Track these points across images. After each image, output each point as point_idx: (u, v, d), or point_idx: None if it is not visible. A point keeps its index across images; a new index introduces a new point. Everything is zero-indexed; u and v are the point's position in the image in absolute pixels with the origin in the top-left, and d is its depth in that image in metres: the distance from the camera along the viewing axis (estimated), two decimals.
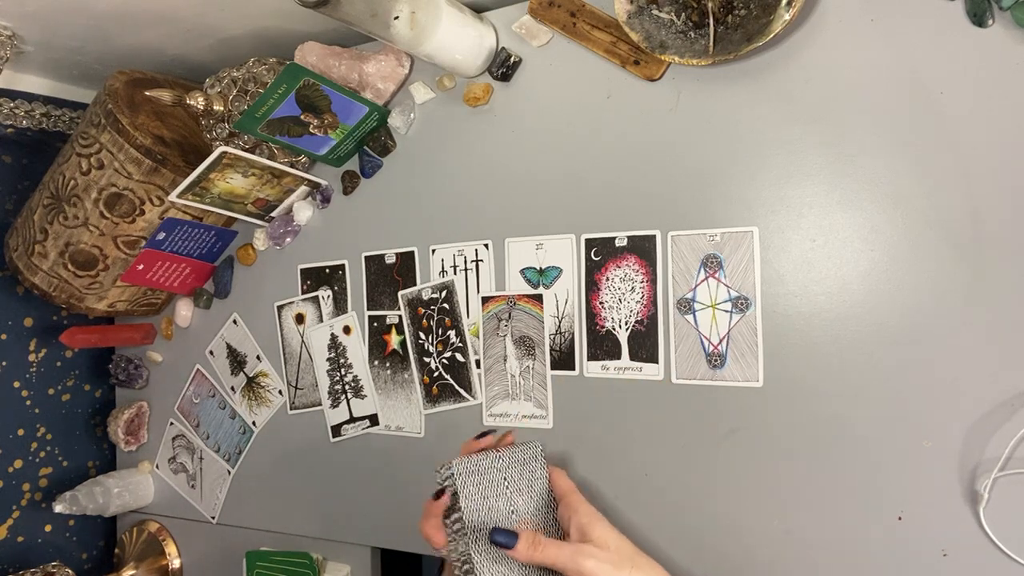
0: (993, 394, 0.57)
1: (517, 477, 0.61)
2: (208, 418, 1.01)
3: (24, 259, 0.90)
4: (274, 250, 0.95)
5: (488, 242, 0.80)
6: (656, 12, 0.68)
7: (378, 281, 0.87)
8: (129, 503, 1.04)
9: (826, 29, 0.64)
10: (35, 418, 1.03)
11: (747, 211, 0.67)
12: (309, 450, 0.92)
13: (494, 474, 0.61)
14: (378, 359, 0.87)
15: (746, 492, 0.66)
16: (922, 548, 0.59)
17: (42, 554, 1.03)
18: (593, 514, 0.57)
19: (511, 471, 0.61)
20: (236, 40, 0.92)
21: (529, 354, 0.77)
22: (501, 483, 0.61)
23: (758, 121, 0.67)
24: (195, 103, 0.81)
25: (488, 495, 0.60)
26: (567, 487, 0.61)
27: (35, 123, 0.97)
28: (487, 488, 0.60)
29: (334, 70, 0.84)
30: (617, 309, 0.72)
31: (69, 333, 1.00)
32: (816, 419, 0.63)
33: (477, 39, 0.76)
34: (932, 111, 0.60)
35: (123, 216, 0.87)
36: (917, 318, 0.60)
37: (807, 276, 0.64)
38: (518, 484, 0.61)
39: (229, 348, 0.99)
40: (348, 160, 0.89)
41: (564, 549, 0.54)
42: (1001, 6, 0.57)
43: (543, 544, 0.55)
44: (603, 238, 0.73)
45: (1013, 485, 0.56)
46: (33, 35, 0.86)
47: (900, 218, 0.61)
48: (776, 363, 0.65)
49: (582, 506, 0.58)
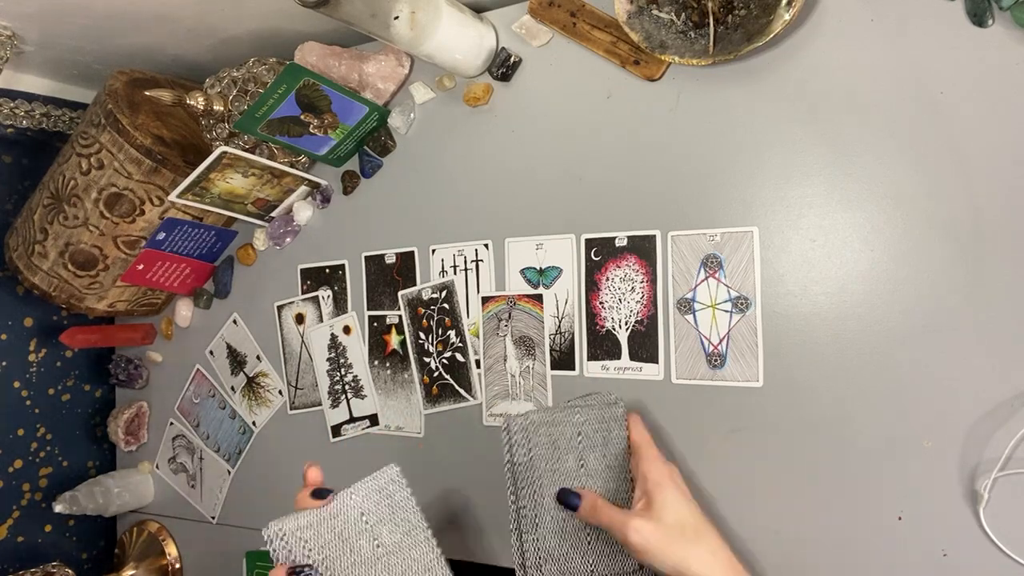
0: (993, 394, 0.57)
1: (591, 433, 0.61)
2: (208, 418, 1.01)
3: (24, 259, 0.90)
4: (274, 250, 0.95)
5: (488, 242, 0.80)
6: (656, 12, 0.68)
7: (378, 281, 0.87)
8: (129, 503, 1.04)
9: (826, 29, 0.64)
10: (35, 418, 1.03)
11: (747, 211, 0.67)
12: (309, 450, 0.92)
13: (568, 428, 0.61)
14: (378, 359, 0.87)
15: (746, 492, 0.66)
16: (922, 548, 0.59)
17: (42, 554, 1.03)
18: (661, 478, 0.57)
19: (587, 427, 0.61)
20: (236, 40, 0.92)
21: (529, 354, 0.77)
22: (575, 437, 0.61)
23: (758, 121, 0.67)
24: (195, 103, 0.81)
25: (560, 447, 0.60)
26: (642, 439, 0.61)
27: (35, 123, 0.97)
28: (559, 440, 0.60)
29: (334, 70, 0.84)
30: (617, 309, 0.72)
31: (69, 333, 1.00)
32: (816, 419, 0.63)
33: (477, 39, 0.76)
34: (932, 111, 0.60)
35: (123, 216, 0.87)
36: (917, 318, 0.60)
37: (807, 276, 0.64)
38: (592, 440, 0.61)
39: (229, 348, 0.99)
40: (348, 160, 0.89)
41: (617, 516, 0.56)
42: (1001, 6, 0.57)
43: (600, 508, 0.57)
44: (603, 238, 0.73)
45: (1013, 485, 0.56)
46: (33, 35, 0.86)
47: (900, 218, 0.61)
48: (776, 363, 0.65)
49: (653, 468, 0.58)
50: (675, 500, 0.56)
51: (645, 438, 0.61)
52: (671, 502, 0.56)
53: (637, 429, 0.62)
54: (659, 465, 0.59)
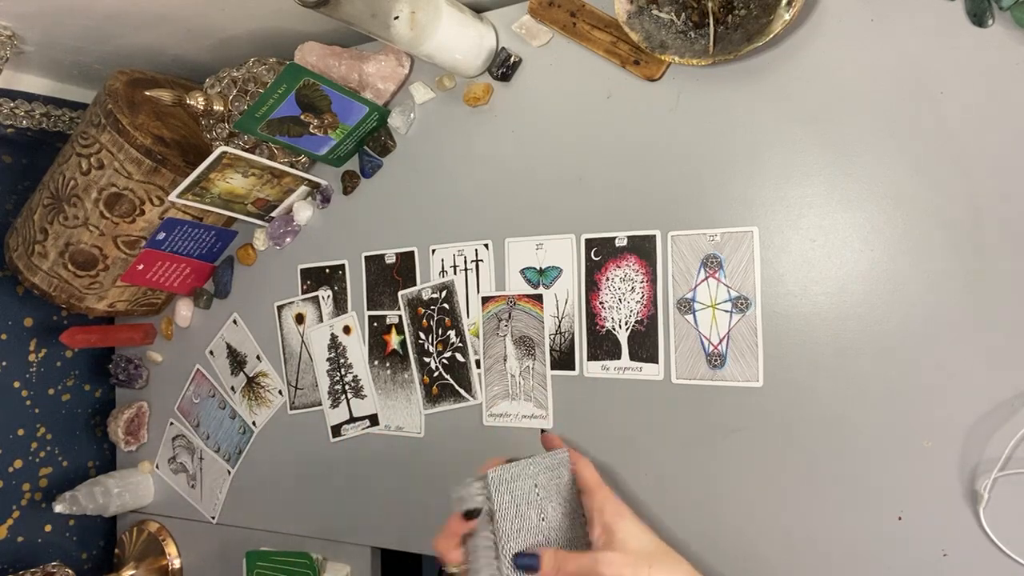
0: (993, 394, 0.57)
1: (546, 483, 0.61)
2: (208, 418, 1.01)
3: (24, 259, 0.90)
4: (274, 250, 0.95)
5: (488, 242, 0.80)
6: (656, 12, 0.68)
7: (378, 281, 0.87)
8: (129, 503, 1.04)
9: (826, 29, 0.64)
10: (35, 418, 1.03)
11: (747, 211, 0.67)
12: (309, 450, 0.92)
13: (526, 481, 0.60)
14: (378, 359, 0.87)
15: (746, 492, 0.66)
16: (922, 548, 0.59)
17: (42, 554, 1.03)
18: (617, 511, 0.57)
19: (540, 477, 0.61)
20: (236, 40, 0.92)
21: (529, 354, 0.77)
22: (532, 490, 0.60)
23: (758, 121, 0.67)
24: (195, 103, 0.81)
25: (520, 504, 0.60)
26: (593, 481, 0.61)
27: (35, 123, 0.97)
28: (519, 497, 0.60)
29: (334, 70, 0.84)
30: (617, 309, 0.72)
31: (69, 333, 1.00)
32: (816, 419, 0.63)
33: (477, 39, 0.76)
34: (932, 111, 0.60)
35: (123, 216, 0.87)
36: (917, 318, 0.60)
37: (807, 276, 0.64)
38: (547, 490, 0.60)
39: (229, 348, 0.99)
40: (348, 160, 0.89)
41: (583, 559, 0.55)
42: (1001, 6, 0.57)
43: (564, 559, 0.56)
44: (603, 238, 0.73)
45: (1013, 485, 0.56)
46: (33, 35, 0.86)
47: (900, 218, 0.61)
48: (776, 363, 0.65)
49: (608, 503, 0.58)
50: (636, 528, 0.56)
51: (595, 477, 0.61)
52: (633, 531, 0.56)
53: (587, 470, 0.62)
54: (612, 499, 0.59)
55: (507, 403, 0.78)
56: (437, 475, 0.83)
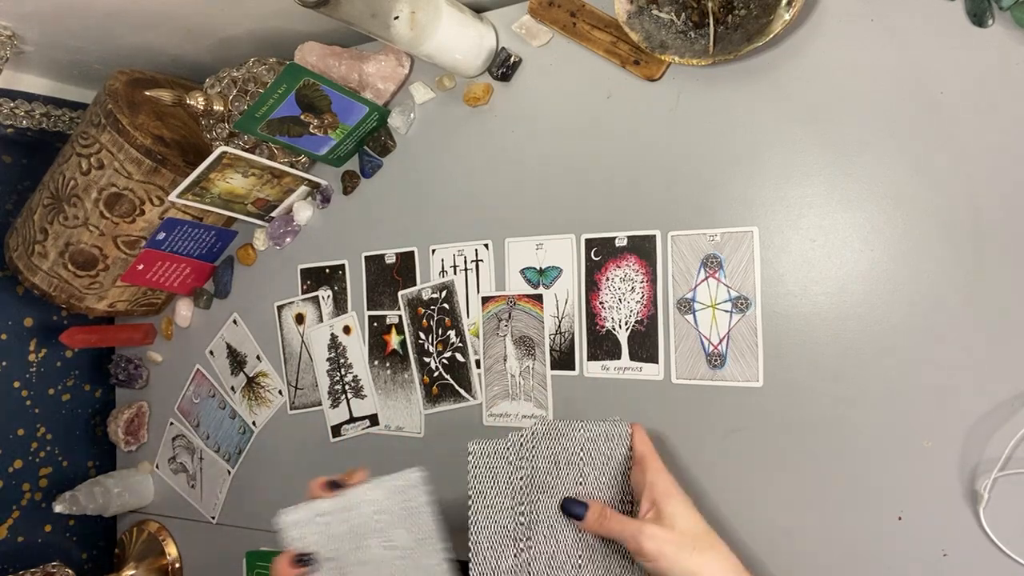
0: (993, 394, 0.57)
1: (593, 451, 0.60)
2: (208, 418, 1.01)
3: (24, 259, 0.90)
4: (274, 250, 0.95)
5: (488, 242, 0.80)
6: (656, 12, 0.68)
7: (378, 281, 0.87)
8: (129, 503, 1.04)
9: (826, 29, 0.64)
10: (35, 418, 1.03)
11: (747, 211, 0.67)
12: (309, 450, 0.92)
13: (571, 443, 0.60)
14: (378, 359, 0.87)
15: (746, 492, 0.66)
16: (922, 548, 0.59)
17: (42, 554, 1.03)
18: (669, 488, 0.57)
19: (588, 445, 0.60)
20: (236, 40, 0.92)
21: (529, 354, 0.77)
22: (576, 453, 0.60)
23: (758, 121, 0.67)
24: (195, 103, 0.81)
25: (560, 461, 0.59)
26: (647, 449, 0.60)
27: (35, 123, 0.97)
28: (560, 454, 0.60)
29: (334, 70, 0.84)
30: (617, 309, 0.72)
31: (69, 333, 1.00)
32: (816, 419, 0.63)
33: (477, 39, 0.76)
34: (932, 111, 0.60)
35: (123, 216, 0.87)
36: (917, 318, 0.60)
37: (807, 276, 0.64)
38: (593, 459, 0.60)
39: (229, 348, 0.99)
40: (348, 160, 0.89)
41: (628, 525, 0.55)
42: (1001, 6, 0.57)
43: (609, 517, 0.56)
44: (603, 238, 0.73)
45: (1013, 485, 0.56)
46: (33, 35, 0.86)
47: (900, 218, 0.61)
48: (776, 363, 0.65)
49: (660, 477, 0.57)
50: (685, 509, 0.56)
51: (649, 448, 0.60)
52: (681, 511, 0.55)
53: (641, 439, 0.61)
54: (665, 475, 0.58)
55: (507, 403, 0.78)
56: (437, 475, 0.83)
